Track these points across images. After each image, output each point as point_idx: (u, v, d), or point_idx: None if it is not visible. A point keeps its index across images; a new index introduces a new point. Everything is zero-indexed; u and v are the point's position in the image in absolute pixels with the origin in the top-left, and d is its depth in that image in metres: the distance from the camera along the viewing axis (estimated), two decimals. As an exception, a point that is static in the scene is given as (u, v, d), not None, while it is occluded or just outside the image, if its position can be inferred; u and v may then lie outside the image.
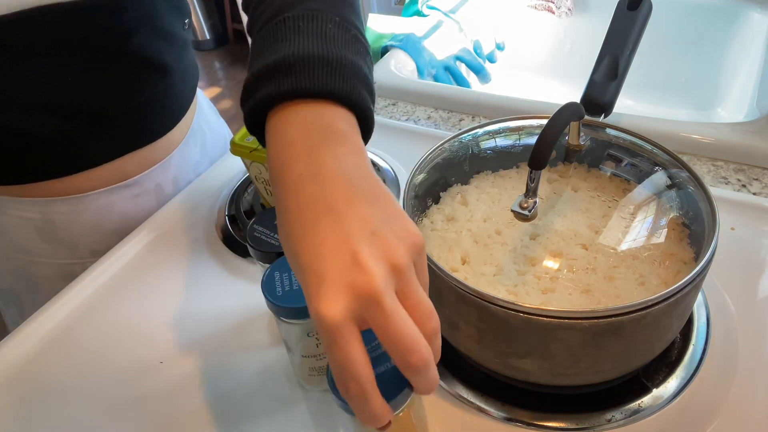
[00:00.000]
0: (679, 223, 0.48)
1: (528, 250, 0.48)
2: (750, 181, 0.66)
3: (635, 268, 0.45)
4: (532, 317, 0.39)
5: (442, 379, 0.49)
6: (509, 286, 0.45)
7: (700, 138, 0.70)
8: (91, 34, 0.56)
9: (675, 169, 0.49)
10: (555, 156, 0.54)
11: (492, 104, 0.82)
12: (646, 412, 0.45)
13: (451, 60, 0.99)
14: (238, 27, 2.81)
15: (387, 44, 0.97)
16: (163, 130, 0.69)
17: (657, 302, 0.38)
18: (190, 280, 0.62)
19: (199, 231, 0.68)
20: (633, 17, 0.54)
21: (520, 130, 0.55)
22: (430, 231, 0.51)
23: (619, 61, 0.53)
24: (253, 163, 0.60)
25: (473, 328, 0.43)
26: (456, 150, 0.55)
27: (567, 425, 0.45)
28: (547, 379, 0.44)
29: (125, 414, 0.50)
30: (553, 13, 1.09)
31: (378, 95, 0.89)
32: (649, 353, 0.44)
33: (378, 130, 0.43)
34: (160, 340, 0.56)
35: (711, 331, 0.50)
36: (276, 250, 0.48)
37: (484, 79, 1.02)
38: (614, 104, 0.53)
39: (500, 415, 0.46)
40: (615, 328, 0.39)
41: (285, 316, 0.43)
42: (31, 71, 0.55)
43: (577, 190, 0.52)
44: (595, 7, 1.09)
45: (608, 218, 0.49)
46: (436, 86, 0.89)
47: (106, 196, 0.66)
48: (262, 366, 0.53)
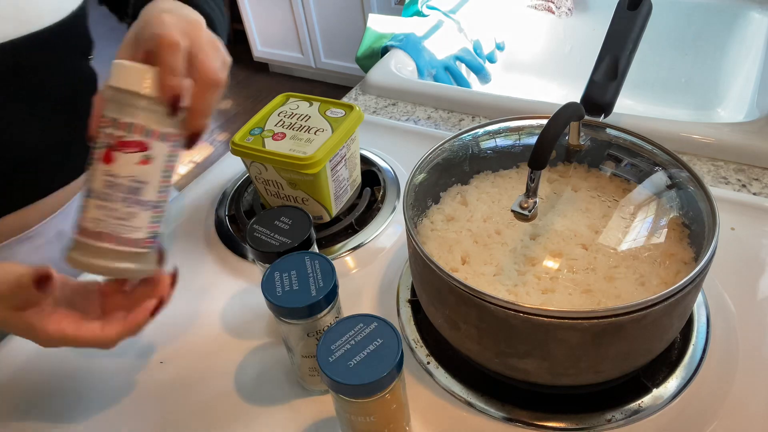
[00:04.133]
0: (679, 223, 0.48)
1: (528, 250, 0.48)
2: (750, 181, 0.66)
3: (635, 268, 0.45)
4: (532, 317, 0.39)
5: (443, 378, 0.49)
6: (509, 286, 0.45)
7: (700, 138, 0.70)
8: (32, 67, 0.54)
9: (675, 169, 0.49)
10: (555, 156, 0.54)
11: (492, 104, 0.82)
12: (646, 412, 0.45)
13: (451, 60, 0.99)
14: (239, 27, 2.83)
15: (387, 44, 0.97)
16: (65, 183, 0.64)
17: (657, 302, 0.38)
18: (190, 280, 0.62)
19: (199, 231, 0.68)
20: (633, 17, 0.54)
21: (520, 130, 0.55)
22: (430, 231, 0.51)
23: (619, 61, 0.53)
24: (253, 163, 0.60)
25: (473, 328, 0.43)
26: (456, 150, 0.55)
27: (567, 425, 0.45)
28: (547, 379, 0.44)
29: (125, 414, 0.50)
30: (553, 13, 1.09)
31: (378, 95, 0.89)
32: (649, 353, 0.44)
33: (378, 130, 0.44)
34: (160, 340, 0.56)
35: (711, 331, 0.50)
36: (276, 250, 0.48)
37: (484, 79, 1.02)
38: (614, 104, 0.53)
39: (500, 415, 0.46)
40: (615, 328, 0.39)
41: (285, 316, 0.43)
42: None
43: (577, 190, 0.52)
44: (595, 7, 1.09)
45: (608, 218, 0.49)
46: (436, 86, 0.89)
47: (6, 249, 0.62)
48: (262, 366, 0.53)
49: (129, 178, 0.41)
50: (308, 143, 0.58)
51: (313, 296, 0.43)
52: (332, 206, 0.62)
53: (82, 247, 0.42)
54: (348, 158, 0.62)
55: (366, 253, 0.62)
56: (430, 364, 0.51)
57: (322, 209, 0.62)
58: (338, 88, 2.73)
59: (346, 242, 0.63)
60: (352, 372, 0.37)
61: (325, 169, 0.58)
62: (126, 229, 0.42)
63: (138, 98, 0.41)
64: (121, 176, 0.41)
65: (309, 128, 0.60)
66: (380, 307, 0.57)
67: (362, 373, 0.36)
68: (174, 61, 0.41)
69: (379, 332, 0.39)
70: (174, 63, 0.41)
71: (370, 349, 0.38)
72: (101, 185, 0.41)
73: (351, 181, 0.65)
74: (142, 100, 0.41)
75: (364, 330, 0.39)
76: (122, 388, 0.52)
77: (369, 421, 0.39)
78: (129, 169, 0.41)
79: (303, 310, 0.43)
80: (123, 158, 0.41)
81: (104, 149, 0.41)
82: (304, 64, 2.76)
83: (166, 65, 0.41)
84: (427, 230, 0.51)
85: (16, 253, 0.62)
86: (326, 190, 0.60)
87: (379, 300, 0.58)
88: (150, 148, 0.41)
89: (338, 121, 0.60)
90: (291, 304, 0.42)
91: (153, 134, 0.41)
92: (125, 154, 0.41)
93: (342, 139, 0.59)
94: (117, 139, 0.41)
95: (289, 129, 0.60)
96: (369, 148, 0.76)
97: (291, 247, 0.48)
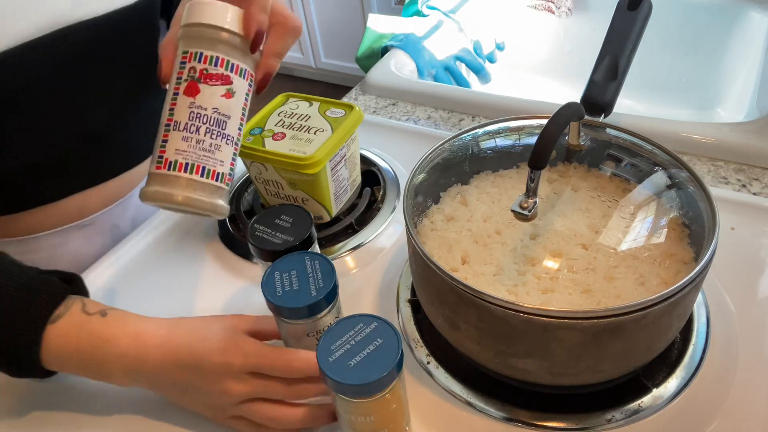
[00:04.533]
0: (679, 223, 0.48)
1: (528, 250, 0.48)
2: (750, 181, 0.66)
3: (635, 268, 0.45)
4: (532, 317, 0.39)
5: (443, 378, 0.49)
6: (509, 286, 0.45)
7: (700, 138, 0.70)
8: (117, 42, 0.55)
9: (675, 169, 0.49)
10: (555, 156, 0.54)
11: (492, 104, 0.82)
12: (646, 412, 0.45)
13: (451, 60, 0.99)
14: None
15: (387, 44, 0.97)
16: (129, 165, 0.65)
17: (657, 302, 0.38)
18: (190, 280, 0.62)
19: (199, 231, 0.68)
20: (633, 17, 0.54)
21: (520, 130, 0.55)
22: (430, 231, 0.51)
23: (619, 61, 0.53)
24: (253, 163, 0.60)
25: (473, 328, 0.43)
26: (456, 150, 0.55)
27: (567, 425, 0.45)
28: (547, 379, 0.44)
29: (125, 414, 0.50)
30: (553, 13, 1.09)
31: (378, 95, 0.89)
32: (649, 353, 0.44)
33: (378, 130, 0.44)
34: (160, 340, 0.56)
35: (711, 331, 0.50)
36: (277, 248, 0.48)
37: (484, 79, 1.02)
38: (614, 104, 0.53)
39: (500, 415, 0.46)
40: (615, 328, 0.39)
41: (285, 316, 0.43)
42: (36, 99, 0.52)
43: (577, 190, 0.52)
44: (595, 7, 1.09)
45: (608, 218, 0.49)
46: (436, 86, 0.89)
47: (59, 236, 0.62)
48: (262, 366, 0.53)
49: (214, 110, 0.41)
50: (308, 143, 0.58)
51: (313, 296, 0.43)
52: (332, 206, 0.62)
53: (163, 179, 0.41)
54: (348, 158, 0.62)
55: (366, 253, 0.62)
56: (430, 364, 0.51)
57: (322, 209, 0.62)
58: (338, 88, 2.73)
59: (346, 242, 0.63)
60: (352, 372, 0.37)
61: (325, 169, 0.58)
62: (212, 161, 0.42)
63: (221, 32, 0.41)
64: (208, 108, 0.41)
65: (309, 128, 0.60)
66: (380, 307, 0.57)
67: (362, 373, 0.36)
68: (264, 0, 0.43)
69: (379, 332, 0.39)
70: (264, 1, 0.43)
71: (370, 349, 0.38)
72: (186, 117, 0.41)
73: (351, 181, 0.65)
74: (225, 33, 0.41)
75: (364, 330, 0.39)
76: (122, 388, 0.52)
77: (369, 421, 0.39)
78: (215, 100, 0.41)
79: (303, 309, 0.43)
80: (208, 90, 0.41)
81: (188, 81, 0.41)
82: (304, 64, 2.76)
83: (257, 2, 0.42)
84: (427, 230, 0.51)
85: (69, 241, 0.63)
86: (326, 190, 0.60)
87: (379, 300, 0.58)
88: (233, 82, 0.42)
89: (338, 121, 0.60)
90: (291, 304, 0.42)
91: (235, 69, 0.42)
92: (210, 86, 0.41)
93: (342, 139, 0.59)
94: (201, 71, 0.41)
95: (289, 129, 0.60)
96: (369, 148, 0.76)
97: (293, 244, 0.48)
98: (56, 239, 0.62)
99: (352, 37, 2.49)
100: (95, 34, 0.54)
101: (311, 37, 2.62)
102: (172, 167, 0.41)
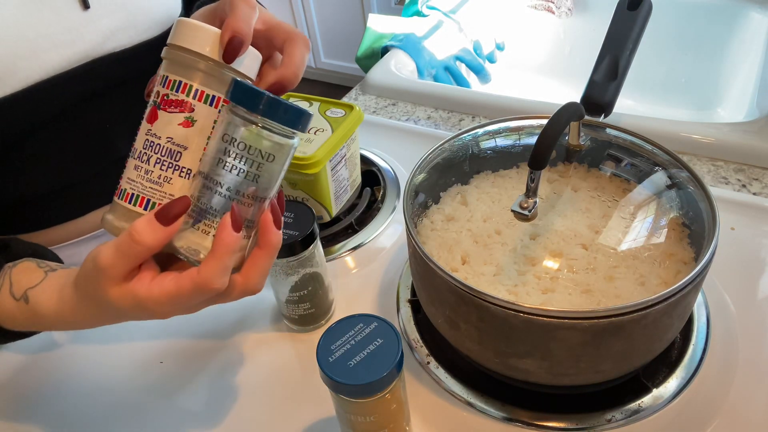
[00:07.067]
0: (679, 223, 0.48)
1: (528, 250, 0.48)
2: (750, 181, 0.66)
3: (635, 268, 0.45)
4: (532, 317, 0.39)
5: (443, 378, 0.50)
6: (509, 286, 0.45)
7: (700, 138, 0.70)
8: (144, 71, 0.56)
9: (675, 169, 0.49)
10: (555, 156, 0.54)
11: (492, 104, 0.82)
12: (646, 412, 0.45)
13: (451, 60, 0.99)
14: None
15: (387, 44, 0.97)
16: None
17: (657, 302, 0.38)
18: (190, 280, 0.62)
19: (199, 231, 0.68)
20: (633, 17, 0.54)
21: (520, 130, 0.55)
22: (430, 231, 0.51)
23: (619, 61, 0.53)
24: (253, 163, 0.60)
25: (473, 328, 0.43)
26: (456, 150, 0.55)
27: (567, 425, 0.45)
28: (547, 379, 0.44)
29: (125, 414, 0.50)
30: (553, 13, 1.09)
31: (378, 95, 0.89)
32: (649, 353, 0.44)
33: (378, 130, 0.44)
34: (160, 340, 0.56)
35: (711, 331, 0.50)
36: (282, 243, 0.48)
37: (484, 79, 1.02)
38: (614, 104, 0.53)
39: (500, 415, 0.46)
40: (615, 328, 0.39)
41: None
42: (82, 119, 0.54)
43: (577, 190, 0.52)
44: (595, 7, 1.09)
45: (608, 218, 0.49)
46: (436, 86, 0.89)
47: (73, 247, 0.62)
48: (262, 365, 0.53)
49: (168, 139, 0.38)
50: (308, 143, 0.58)
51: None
52: (332, 206, 0.62)
53: (113, 208, 0.40)
54: (348, 158, 0.62)
55: (366, 253, 0.62)
56: (430, 364, 0.51)
57: (322, 209, 0.62)
58: (338, 88, 2.73)
59: (346, 242, 0.63)
60: (352, 372, 0.37)
61: (325, 169, 0.58)
62: (158, 194, 0.39)
63: (185, 54, 0.38)
64: (162, 136, 0.38)
65: (309, 128, 0.60)
66: (380, 307, 0.57)
67: (362, 373, 0.36)
68: (245, 10, 0.38)
69: (379, 332, 0.39)
70: (246, 12, 0.38)
71: (370, 349, 0.38)
72: (141, 144, 0.39)
73: (351, 181, 0.65)
74: (189, 55, 0.38)
75: (364, 330, 0.39)
76: (122, 388, 0.52)
77: (369, 421, 0.39)
78: (170, 129, 0.38)
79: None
80: (166, 117, 0.38)
81: (151, 107, 0.39)
82: (304, 64, 2.76)
83: (238, 12, 0.38)
84: (427, 230, 0.51)
85: (83, 252, 0.63)
86: (326, 190, 0.60)
87: (379, 300, 0.58)
88: (194, 110, 0.38)
89: (338, 121, 0.60)
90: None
91: (199, 95, 0.38)
92: (168, 113, 0.38)
93: (342, 139, 0.59)
94: (162, 96, 0.38)
95: (289, 129, 0.60)
96: (369, 148, 0.76)
97: (296, 239, 0.48)
98: (72, 249, 0.63)
99: (352, 37, 2.49)
100: (123, 66, 0.56)
101: (311, 37, 2.62)
102: (121, 196, 0.40)
